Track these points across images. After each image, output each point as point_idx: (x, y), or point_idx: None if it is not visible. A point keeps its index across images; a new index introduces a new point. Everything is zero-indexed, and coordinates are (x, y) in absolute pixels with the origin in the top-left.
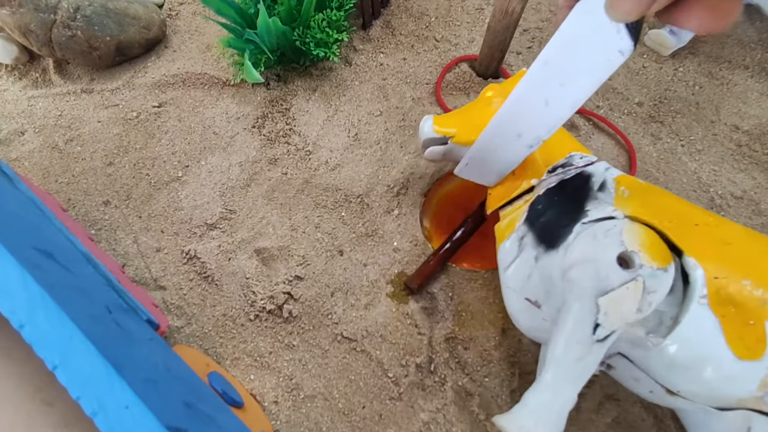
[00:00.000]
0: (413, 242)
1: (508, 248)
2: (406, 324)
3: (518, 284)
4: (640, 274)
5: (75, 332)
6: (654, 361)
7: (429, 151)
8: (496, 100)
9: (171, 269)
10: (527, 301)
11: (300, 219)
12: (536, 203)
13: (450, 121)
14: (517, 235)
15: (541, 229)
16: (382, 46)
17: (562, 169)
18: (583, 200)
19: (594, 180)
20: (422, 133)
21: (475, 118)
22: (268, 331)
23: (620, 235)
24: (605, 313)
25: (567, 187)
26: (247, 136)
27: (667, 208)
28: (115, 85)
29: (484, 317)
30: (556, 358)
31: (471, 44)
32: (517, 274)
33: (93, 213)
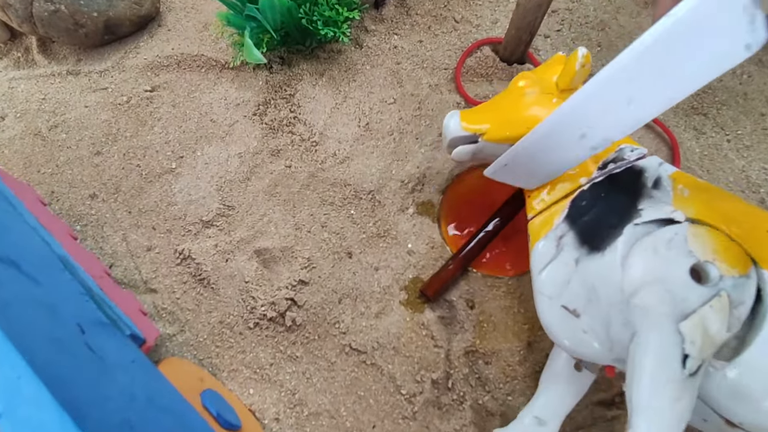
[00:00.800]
0: (430, 244)
1: (544, 248)
2: (421, 335)
3: (554, 290)
4: (721, 287)
5: (25, 370)
6: (713, 387)
7: (457, 152)
8: (530, 91)
9: (163, 270)
10: (564, 310)
11: (305, 217)
12: (579, 199)
13: (479, 116)
14: (554, 234)
15: (585, 228)
16: (396, 27)
17: (613, 165)
18: (635, 197)
19: (647, 175)
20: (448, 131)
21: (508, 112)
22: (269, 340)
23: (686, 244)
24: (692, 341)
25: (616, 182)
26: (248, 124)
27: (734, 211)
28: (104, 66)
29: (508, 329)
30: (645, 406)
31: (494, 26)
32: (553, 279)
33: (78, 207)
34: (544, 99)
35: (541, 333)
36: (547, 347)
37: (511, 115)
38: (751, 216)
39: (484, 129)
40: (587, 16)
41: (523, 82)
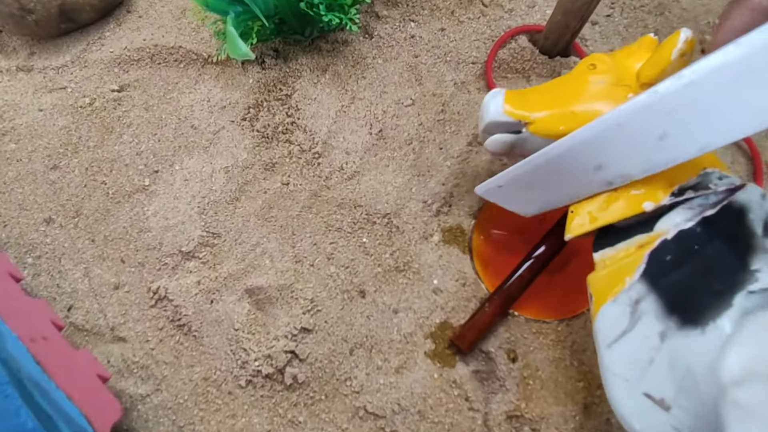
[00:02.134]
0: (460, 281)
1: (614, 315)
2: (452, 396)
3: (631, 371)
4: None
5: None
6: None
7: (492, 140)
8: (599, 79)
9: (134, 314)
10: (647, 399)
11: (306, 247)
12: (662, 251)
13: (530, 100)
14: (628, 296)
15: (672, 292)
16: (413, 13)
17: (693, 192)
18: (744, 253)
19: (752, 217)
20: (486, 112)
21: (567, 102)
22: (266, 401)
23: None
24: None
25: (712, 229)
26: (236, 131)
27: None
28: (62, 61)
29: (559, 387)
30: None
31: (531, 10)
32: (629, 356)
33: (30, 234)
34: (617, 92)
35: (601, 393)
36: (608, 412)
37: (570, 106)
38: None
39: (533, 117)
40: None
41: (594, 66)
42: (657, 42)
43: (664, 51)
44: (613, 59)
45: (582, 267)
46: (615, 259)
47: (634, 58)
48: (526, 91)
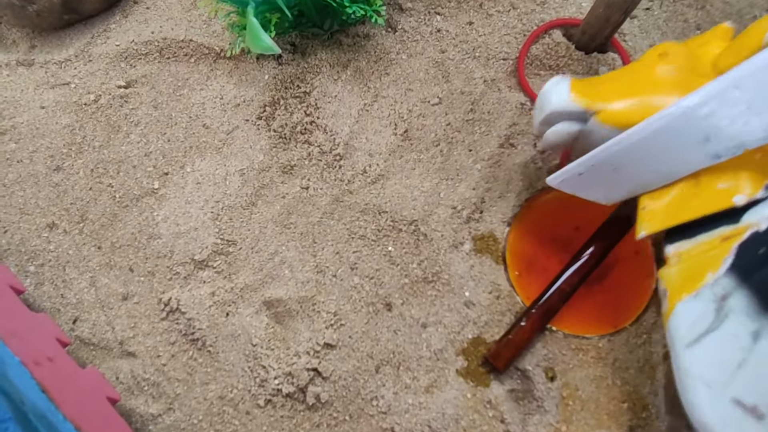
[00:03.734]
0: (494, 293)
1: (696, 312)
2: (487, 417)
3: (717, 375)
4: None
5: None
6: None
7: (555, 131)
8: (673, 67)
9: (144, 327)
10: (737, 406)
11: (328, 256)
12: (754, 244)
13: (598, 88)
14: (712, 291)
15: (767, 288)
16: (439, 5)
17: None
18: None
19: None
20: (547, 102)
21: (640, 90)
22: (286, 422)
23: None
24: None
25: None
26: (251, 131)
27: None
28: (65, 55)
29: (601, 408)
30: None
31: (566, 2)
32: (714, 358)
33: (32, 241)
34: (694, 81)
35: (646, 415)
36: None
37: (644, 95)
38: None
39: (602, 107)
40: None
41: (666, 54)
42: (733, 31)
43: (750, 38)
44: (686, 47)
45: (623, 277)
46: (694, 252)
47: (710, 46)
48: (592, 79)
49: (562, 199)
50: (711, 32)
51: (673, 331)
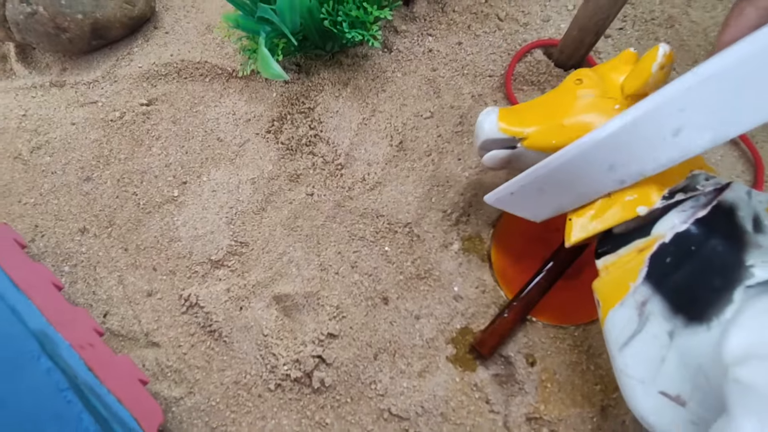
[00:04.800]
0: (480, 288)
1: (623, 318)
2: (473, 398)
3: (645, 372)
4: None
5: None
6: None
7: (489, 156)
8: (587, 93)
9: (166, 320)
10: (664, 397)
11: (331, 255)
12: (662, 254)
13: (522, 117)
14: (634, 299)
15: (676, 292)
16: (431, 27)
17: (683, 195)
18: (737, 249)
19: (741, 215)
20: (481, 131)
21: (558, 116)
22: (294, 404)
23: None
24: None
25: (705, 229)
26: (261, 143)
27: None
28: (93, 76)
29: (576, 390)
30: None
31: (545, 24)
32: (641, 358)
33: (66, 244)
34: (604, 104)
35: (617, 396)
36: (624, 413)
37: (561, 120)
38: None
39: (527, 133)
40: (653, 11)
41: (581, 80)
42: (637, 56)
43: (645, 64)
44: (597, 73)
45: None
46: (618, 265)
47: (617, 71)
48: (518, 107)
49: None
50: (618, 58)
51: (607, 336)
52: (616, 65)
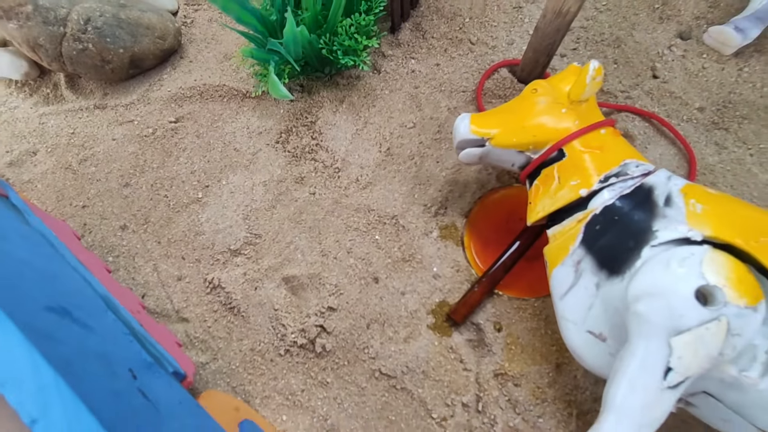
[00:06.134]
0: (455, 268)
1: (563, 274)
2: (450, 359)
3: (578, 316)
4: (723, 313)
5: (97, 429)
6: (747, 401)
7: (464, 154)
8: (542, 100)
9: (194, 299)
10: (590, 335)
11: (330, 243)
12: (593, 223)
13: (489, 121)
14: (572, 259)
15: (602, 252)
16: (413, 51)
17: (615, 179)
18: (649, 218)
19: (657, 193)
20: (457, 133)
21: (517, 119)
22: (300, 366)
23: (700, 266)
24: (679, 356)
25: (627, 203)
26: (271, 152)
27: (748, 222)
28: (130, 99)
29: (536, 351)
30: (618, 405)
31: (510, 47)
32: (575, 305)
33: (110, 239)
34: (554, 108)
35: (568, 354)
36: (576, 369)
37: (520, 122)
38: (766, 225)
39: (492, 134)
40: (602, 33)
41: (536, 89)
42: (579, 69)
43: (581, 77)
44: (550, 84)
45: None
46: (562, 233)
47: (565, 82)
48: (487, 113)
49: (506, 197)
50: (565, 71)
51: (552, 290)
52: (564, 77)
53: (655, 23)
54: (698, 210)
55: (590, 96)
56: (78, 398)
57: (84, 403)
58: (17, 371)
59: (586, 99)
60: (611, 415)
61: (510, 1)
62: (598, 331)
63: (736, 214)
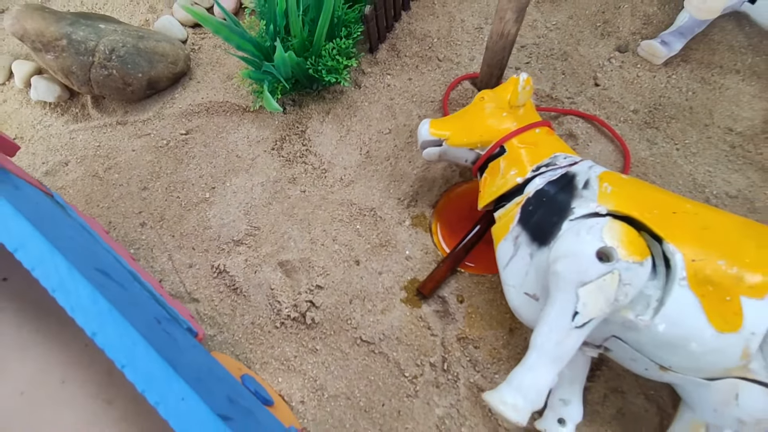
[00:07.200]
0: (424, 250)
1: (505, 248)
2: (419, 326)
3: (517, 280)
4: (616, 267)
5: (138, 339)
6: (645, 340)
7: (426, 152)
8: (488, 106)
9: (203, 283)
10: (526, 296)
11: (318, 233)
12: (527, 205)
13: (445, 124)
14: (512, 235)
15: (534, 228)
16: (389, 68)
17: (545, 168)
18: (569, 199)
19: (578, 179)
20: (420, 135)
21: (467, 122)
22: (293, 336)
23: (601, 232)
24: (584, 303)
25: (554, 187)
26: (267, 157)
27: (647, 199)
28: (147, 116)
29: (493, 318)
30: (539, 344)
31: (472, 62)
32: (515, 272)
33: (131, 234)
34: (497, 113)
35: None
36: (527, 332)
37: (469, 125)
38: (662, 202)
39: (447, 135)
40: (552, 49)
41: (483, 98)
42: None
43: (515, 87)
44: (495, 93)
45: None
46: (505, 214)
47: (506, 91)
48: (444, 118)
49: (468, 190)
50: (507, 82)
51: (498, 261)
52: (505, 87)
53: (597, 39)
54: (608, 191)
55: (525, 102)
56: (124, 319)
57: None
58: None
59: (523, 104)
60: (534, 352)
61: (472, 23)
62: (532, 292)
63: (639, 193)
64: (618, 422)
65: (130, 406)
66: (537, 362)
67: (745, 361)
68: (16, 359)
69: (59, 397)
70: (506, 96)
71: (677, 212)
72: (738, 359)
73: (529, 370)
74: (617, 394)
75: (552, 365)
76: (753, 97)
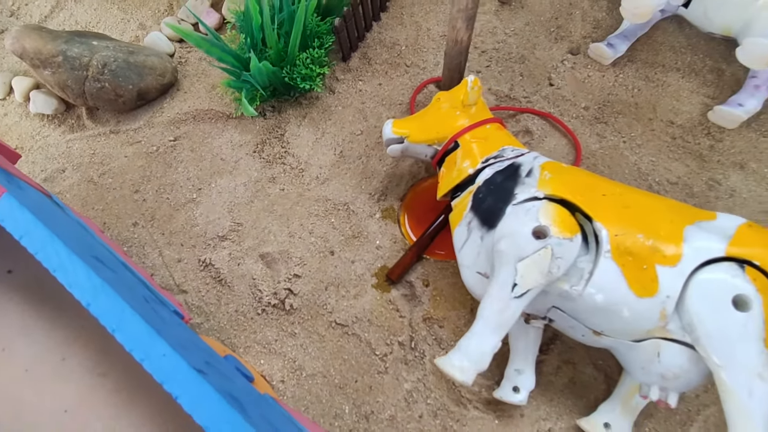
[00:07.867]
0: (393, 240)
1: (460, 232)
2: (389, 309)
3: (470, 261)
4: (549, 243)
5: (126, 308)
6: (579, 308)
7: (390, 149)
8: (444, 106)
9: (191, 276)
10: (479, 274)
11: (296, 227)
12: (477, 193)
13: (406, 123)
14: (465, 220)
15: (483, 213)
16: (361, 75)
17: (494, 160)
18: (513, 186)
19: (522, 168)
20: (384, 133)
21: (425, 121)
22: (274, 322)
23: (537, 213)
24: (522, 275)
25: (501, 176)
26: (249, 159)
27: (580, 184)
28: (138, 125)
29: (455, 299)
30: (484, 315)
31: (437, 67)
32: (468, 253)
33: (124, 233)
34: (451, 112)
35: None
36: None
37: (427, 123)
38: (593, 186)
39: (408, 133)
40: (510, 53)
41: (440, 99)
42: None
43: (465, 89)
44: (450, 94)
45: None
46: (460, 202)
47: (460, 92)
48: (405, 118)
49: (433, 184)
50: (462, 83)
51: (454, 244)
52: (459, 88)
53: (552, 43)
54: (547, 178)
55: (475, 101)
56: (114, 292)
57: (120, 296)
58: (78, 278)
59: (474, 103)
60: (479, 321)
61: (437, 31)
62: (483, 271)
63: (574, 180)
64: (570, 390)
65: (122, 378)
66: (482, 330)
67: (663, 322)
68: (21, 341)
69: (60, 372)
70: (460, 96)
71: (606, 194)
72: (657, 321)
73: (474, 336)
74: (569, 365)
75: (495, 332)
76: (691, 93)
